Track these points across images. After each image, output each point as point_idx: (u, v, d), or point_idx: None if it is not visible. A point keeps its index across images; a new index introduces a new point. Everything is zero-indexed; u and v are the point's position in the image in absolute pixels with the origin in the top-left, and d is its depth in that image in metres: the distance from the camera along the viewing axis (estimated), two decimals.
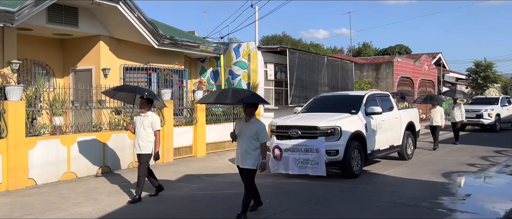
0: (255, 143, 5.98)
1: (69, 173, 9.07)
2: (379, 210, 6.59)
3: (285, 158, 8.69)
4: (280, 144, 8.81)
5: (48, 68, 12.81)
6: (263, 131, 5.99)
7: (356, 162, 8.99)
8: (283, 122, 9.38)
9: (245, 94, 6.06)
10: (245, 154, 6.00)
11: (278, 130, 9.22)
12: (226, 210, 6.57)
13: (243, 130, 6.08)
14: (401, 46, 45.30)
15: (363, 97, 10.06)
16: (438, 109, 14.21)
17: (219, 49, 15.98)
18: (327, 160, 8.49)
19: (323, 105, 10.53)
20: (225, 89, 6.05)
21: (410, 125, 11.56)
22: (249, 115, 6.06)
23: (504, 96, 23.65)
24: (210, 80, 16.62)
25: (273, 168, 8.90)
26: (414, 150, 11.81)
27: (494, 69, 36.91)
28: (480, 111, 20.33)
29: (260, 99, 6.36)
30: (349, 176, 8.81)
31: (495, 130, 20.39)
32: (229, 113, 13.93)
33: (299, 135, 8.82)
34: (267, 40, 45.51)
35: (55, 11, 11.04)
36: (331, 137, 8.63)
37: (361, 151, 9.13)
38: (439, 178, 8.97)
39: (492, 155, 12.49)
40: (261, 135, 5.98)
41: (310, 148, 8.49)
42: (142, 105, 7.25)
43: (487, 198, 7.63)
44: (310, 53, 17.84)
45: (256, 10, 17.09)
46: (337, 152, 8.59)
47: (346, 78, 19.56)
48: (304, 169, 8.56)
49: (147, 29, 12.36)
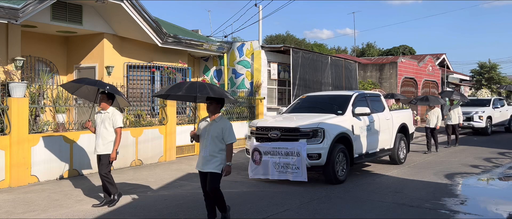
0: (220, 145, 5.41)
1: (71, 170, 9.08)
2: (381, 211, 6.56)
3: (265, 162, 8.18)
4: (259, 147, 8.29)
5: (52, 65, 12.83)
6: (229, 130, 5.41)
7: (341, 167, 8.39)
8: (263, 123, 8.81)
9: (205, 89, 5.35)
10: (209, 157, 5.42)
11: (258, 132, 8.59)
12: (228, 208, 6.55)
13: (207, 130, 5.49)
14: (405, 47, 45.19)
15: (351, 97, 9.47)
16: (435, 111, 13.60)
17: (223, 48, 15.97)
18: (308, 165, 7.95)
19: (309, 105, 9.96)
20: (186, 82, 5.54)
21: (402, 127, 10.98)
22: (213, 112, 5.49)
23: (496, 97, 22.31)
24: (213, 79, 16.62)
25: (252, 173, 8.41)
26: (407, 154, 11.19)
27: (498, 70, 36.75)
28: (471, 114, 19.15)
29: (223, 94, 5.53)
30: (332, 182, 8.21)
31: (486, 133, 19.24)
32: (232, 111, 13.93)
33: (279, 137, 8.23)
34: (271, 40, 45.49)
35: (59, 8, 11.05)
36: (313, 139, 8.02)
37: (347, 155, 8.56)
38: (442, 179, 8.93)
39: (495, 156, 12.43)
40: (227, 135, 5.39)
41: (290, 151, 7.96)
42: (101, 100, 6.64)
43: (490, 200, 7.58)
44: (313, 53, 17.81)
45: (260, 9, 17.08)
46: (319, 155, 7.98)
47: (350, 78, 19.52)
48: (284, 174, 8.03)
49: (151, 27, 12.37)
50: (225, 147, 5.43)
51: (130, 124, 10.66)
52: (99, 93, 6.79)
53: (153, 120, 11.48)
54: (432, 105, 13.56)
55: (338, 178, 8.25)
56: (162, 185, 8.34)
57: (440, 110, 14.16)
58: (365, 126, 9.32)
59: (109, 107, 6.65)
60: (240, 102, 14.70)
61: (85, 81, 6.84)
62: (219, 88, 5.62)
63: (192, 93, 5.35)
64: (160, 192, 7.77)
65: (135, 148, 10.48)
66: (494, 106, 20.22)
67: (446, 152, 13.37)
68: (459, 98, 15.64)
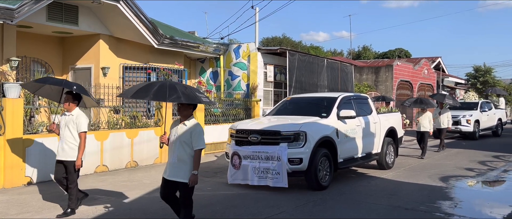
0: (190, 152, 4.90)
1: None
2: (376, 213, 6.57)
3: (244, 167, 7.82)
4: (239, 151, 7.94)
5: (47, 66, 12.79)
6: (198, 135, 4.91)
7: (324, 172, 8.04)
8: (243, 125, 8.40)
9: (175, 92, 4.77)
10: (178, 163, 4.90)
11: (238, 135, 8.23)
12: (223, 210, 6.55)
13: (176, 133, 4.99)
14: (400, 50, 45.33)
15: (336, 100, 9.14)
16: (427, 114, 13.07)
17: (219, 50, 15.97)
18: (289, 170, 7.59)
19: (294, 107, 9.68)
20: (156, 82, 5.00)
21: (391, 131, 10.59)
22: (184, 115, 5.02)
23: (484, 100, 21.64)
24: (209, 80, 16.61)
25: (231, 178, 8.07)
26: (395, 159, 10.85)
27: (493, 74, 36.98)
28: (458, 117, 18.37)
29: (194, 99, 4.94)
30: (315, 188, 7.85)
31: (474, 138, 18.63)
32: (228, 113, 13.92)
33: (259, 141, 7.87)
34: (267, 42, 45.52)
35: (55, 9, 11.02)
36: (294, 143, 7.67)
37: (331, 159, 8.22)
38: (437, 182, 8.96)
39: (490, 160, 12.48)
40: (195, 140, 4.88)
41: (270, 156, 7.60)
42: (66, 100, 6.13)
43: (485, 203, 7.61)
44: (310, 55, 17.84)
45: (257, 11, 17.11)
46: (300, 160, 7.61)
47: (346, 80, 19.56)
48: (264, 179, 7.68)
49: (147, 28, 12.36)
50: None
51: (125, 125, 10.63)
52: (64, 93, 6.28)
53: (149, 122, 11.45)
54: (426, 108, 13.13)
55: (320, 184, 7.89)
56: (157, 186, 8.28)
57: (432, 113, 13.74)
58: (351, 129, 8.98)
59: (74, 109, 6.15)
60: (236, 102, 14.70)
61: (50, 81, 6.35)
62: (191, 91, 5.05)
63: (160, 98, 4.84)
64: (155, 193, 7.73)
65: (130, 149, 10.45)
66: (481, 110, 19.61)
67: (441, 155, 13.41)
68: (451, 102, 15.02)
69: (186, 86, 5.13)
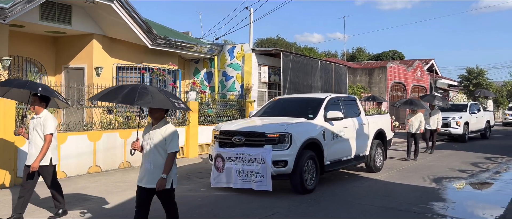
0: (164, 156, 4.68)
1: (58, 172, 8.95)
2: (369, 214, 6.59)
3: (228, 169, 7.60)
4: (222, 153, 7.70)
5: (40, 65, 12.70)
6: (173, 138, 4.68)
7: (309, 175, 7.81)
8: (227, 126, 8.20)
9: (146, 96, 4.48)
10: (155, 169, 4.63)
11: (222, 136, 8.00)
12: (216, 211, 6.54)
13: (150, 138, 4.74)
14: (394, 52, 45.55)
15: (323, 100, 8.95)
16: (418, 115, 12.81)
17: (213, 50, 15.95)
18: (274, 172, 7.37)
19: (281, 108, 9.49)
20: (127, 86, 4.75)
21: (379, 133, 10.42)
22: (155, 118, 4.75)
23: (473, 102, 21.39)
24: (203, 81, 16.58)
25: (213, 181, 7.84)
26: (384, 161, 10.64)
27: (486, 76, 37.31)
28: (448, 119, 18.10)
29: (166, 104, 4.60)
30: (300, 192, 7.65)
31: (463, 140, 18.38)
32: (223, 114, 13.90)
33: (243, 143, 7.63)
34: (262, 43, 45.54)
35: (48, 8, 10.95)
36: (279, 145, 7.44)
37: (317, 162, 8.00)
38: (430, 184, 9.00)
39: (482, 161, 12.57)
40: (170, 143, 4.66)
41: (255, 158, 7.36)
42: (33, 103, 5.84)
43: (477, 204, 7.67)
44: (304, 56, 17.88)
45: (251, 12, 17.12)
46: (285, 163, 7.40)
47: (340, 82, 19.62)
48: (248, 182, 7.45)
49: (141, 28, 12.31)
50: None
51: (118, 126, 10.58)
52: (31, 95, 5.94)
53: (142, 122, 11.39)
54: (416, 109, 12.89)
55: (305, 187, 7.67)
56: None
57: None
58: (338, 131, 8.78)
59: (42, 111, 5.85)
60: (230, 103, 14.69)
61: (14, 83, 5.95)
62: (164, 95, 4.71)
63: (128, 101, 4.53)
64: None
65: (123, 150, 10.40)
66: (470, 112, 19.41)
67: (434, 157, 13.48)
68: (441, 103, 14.83)
69: (162, 90, 4.82)
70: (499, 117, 41.78)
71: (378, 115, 11.58)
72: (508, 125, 32.05)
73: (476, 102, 22.08)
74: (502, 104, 43.74)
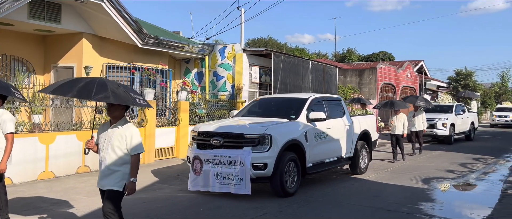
0: (123, 156, 4.38)
1: (47, 172, 8.88)
2: (359, 215, 6.63)
3: (206, 172, 7.33)
4: (200, 155, 7.44)
5: (28, 64, 12.56)
6: (134, 138, 4.39)
7: (290, 178, 7.57)
8: (205, 127, 7.93)
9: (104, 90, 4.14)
10: (108, 171, 4.38)
11: (200, 138, 7.74)
12: (207, 212, 6.53)
13: (107, 137, 4.45)
14: (384, 53, 45.89)
15: (306, 101, 8.73)
16: (401, 116, 12.55)
17: (204, 50, 15.91)
18: (253, 175, 7.13)
19: (264, 109, 9.30)
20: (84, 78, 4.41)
21: (364, 134, 10.22)
22: (114, 117, 4.46)
23: (458, 103, 21.19)
24: (194, 81, 16.53)
25: (191, 184, 7.55)
26: (368, 163, 10.45)
27: (474, 78, 37.72)
28: (434, 121, 17.80)
29: (127, 100, 4.29)
30: (280, 195, 7.40)
31: (449, 142, 18.08)
32: (213, 114, 13.87)
33: (221, 144, 7.39)
34: (253, 43, 45.56)
35: (37, 6, 10.83)
36: (259, 147, 7.19)
37: (299, 164, 7.78)
38: (419, 184, 9.08)
39: (470, 162, 12.71)
40: (132, 144, 4.37)
41: (233, 160, 7.11)
42: None
43: (465, 204, 7.75)
44: (295, 57, 17.91)
45: (242, 12, 17.10)
46: (265, 165, 7.14)
47: (330, 82, 19.70)
48: (226, 186, 7.17)
49: (132, 27, 12.23)
50: (129, 160, 4.39)
51: None
52: None
53: (132, 122, 11.32)
54: (396, 109, 12.59)
55: (286, 190, 7.44)
56: (140, 188, 8.22)
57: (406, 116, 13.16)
58: (321, 132, 8.55)
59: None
60: (221, 103, 14.66)
61: None
62: (125, 90, 4.40)
63: (85, 96, 4.26)
64: (138, 195, 7.65)
65: None
66: (456, 113, 19.17)
67: (423, 158, 13.59)
68: (424, 104, 14.43)
69: (120, 85, 4.47)
70: (487, 118, 42.31)
71: (363, 115, 11.35)
72: (496, 126, 32.46)
73: (461, 104, 21.86)
74: (490, 105, 44.27)
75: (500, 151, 15.76)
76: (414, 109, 14.38)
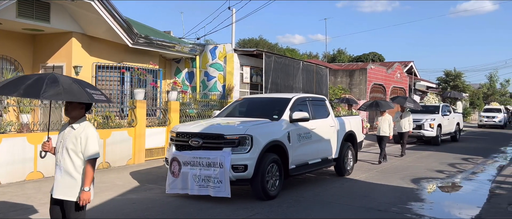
0: (78, 162, 3.98)
1: (35, 172, 8.79)
2: (350, 214, 6.66)
3: (184, 174, 7.07)
4: (178, 156, 7.18)
5: (17, 63, 12.41)
6: (89, 141, 3.96)
7: (272, 180, 7.34)
8: (184, 128, 7.66)
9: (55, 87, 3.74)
10: (64, 177, 3.96)
11: (178, 138, 7.48)
12: (197, 212, 6.50)
13: (62, 139, 4.04)
14: (374, 54, 46.16)
15: (290, 101, 8.50)
16: (387, 117, 12.32)
17: (195, 50, 15.86)
18: (233, 178, 6.89)
19: (246, 109, 9.09)
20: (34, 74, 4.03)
21: (349, 135, 10.04)
22: (72, 117, 4.04)
23: (444, 104, 20.99)
24: (185, 81, 16.47)
25: (168, 187, 7.28)
26: (354, 165, 10.24)
27: (463, 78, 38.15)
28: (421, 121, 17.50)
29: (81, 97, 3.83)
30: (261, 198, 7.17)
31: (436, 143, 17.77)
32: (204, 114, 13.83)
33: (200, 145, 7.15)
34: (244, 43, 45.53)
35: (25, 5, 10.70)
36: (239, 148, 6.95)
37: (281, 166, 7.54)
38: (408, 184, 9.14)
39: (459, 162, 12.83)
40: (87, 147, 3.94)
41: (212, 162, 6.84)
42: None
43: (454, 204, 7.83)
44: (286, 58, 17.94)
45: (233, 12, 17.08)
46: (245, 167, 6.90)
47: (321, 83, 19.76)
48: (205, 188, 6.91)
49: (122, 27, 12.15)
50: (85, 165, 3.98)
51: (98, 125, 10.42)
52: None
53: (122, 122, 11.26)
54: (381, 110, 12.41)
55: (267, 193, 7.20)
56: (130, 188, 8.18)
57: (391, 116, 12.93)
58: (305, 133, 8.33)
59: None
60: (212, 103, 14.62)
61: None
62: (80, 86, 3.91)
63: (33, 95, 3.83)
64: (128, 195, 7.62)
65: (102, 150, 10.25)
66: (443, 113, 18.97)
67: (412, 158, 13.69)
68: (412, 105, 14.14)
69: (76, 80, 4.01)
70: (475, 119, 42.78)
71: (348, 116, 11.09)
72: (483, 126, 32.83)
73: (447, 104, 21.68)
74: (479, 106, 44.79)
75: (488, 151, 15.95)
76: (401, 110, 14.25)
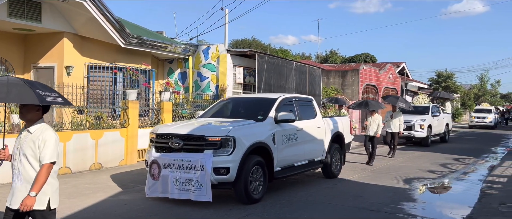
0: (38, 167, 3.70)
1: None
2: (342, 214, 6.68)
3: (164, 177, 6.81)
4: (158, 159, 6.94)
5: (8, 64, 12.29)
6: (47, 144, 3.67)
7: (256, 183, 7.08)
8: (164, 129, 7.41)
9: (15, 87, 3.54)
10: (24, 186, 3.68)
11: (158, 140, 7.19)
12: (190, 212, 6.49)
13: (19, 144, 3.78)
14: (367, 55, 46.40)
15: (275, 101, 8.24)
16: (376, 117, 12.12)
17: (188, 51, 15.83)
18: (214, 181, 6.63)
19: (231, 109, 8.85)
20: None
21: (337, 136, 9.80)
22: (28, 120, 3.76)
23: (433, 104, 20.81)
24: (177, 81, 16.43)
25: (148, 191, 7.06)
26: (341, 166, 10.03)
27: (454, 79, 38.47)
28: (411, 122, 17.26)
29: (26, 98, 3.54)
30: (244, 202, 6.92)
31: (427, 144, 17.56)
32: (195, 116, 13.79)
33: (181, 147, 6.88)
34: (237, 44, 45.53)
35: (16, 4, 10.61)
36: (221, 150, 6.68)
37: (265, 168, 7.29)
38: (400, 184, 9.19)
39: (451, 162, 12.93)
40: (43, 151, 3.65)
41: (193, 165, 6.59)
42: None
43: (446, 204, 7.88)
44: (279, 58, 17.96)
45: (227, 13, 17.07)
46: (227, 170, 6.63)
47: (314, 84, 19.81)
48: (185, 192, 6.65)
49: (114, 27, 12.09)
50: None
51: (90, 126, 10.36)
52: None
53: (114, 123, 11.20)
54: (371, 110, 12.25)
55: (251, 196, 6.96)
56: (122, 189, 8.14)
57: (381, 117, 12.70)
58: (291, 134, 8.08)
59: None
60: (205, 103, 14.60)
61: None
62: (29, 87, 3.62)
63: None
64: (120, 196, 7.58)
65: (94, 151, 10.19)
66: (433, 114, 18.73)
67: (404, 158, 13.77)
68: (404, 105, 14.04)
69: (28, 82, 3.72)
70: (466, 119, 43.14)
71: (336, 117, 11.00)
72: (474, 127, 33.09)
73: (436, 105, 21.46)
74: (470, 106, 45.18)
75: (479, 152, 16.09)
76: (392, 110, 14.14)
